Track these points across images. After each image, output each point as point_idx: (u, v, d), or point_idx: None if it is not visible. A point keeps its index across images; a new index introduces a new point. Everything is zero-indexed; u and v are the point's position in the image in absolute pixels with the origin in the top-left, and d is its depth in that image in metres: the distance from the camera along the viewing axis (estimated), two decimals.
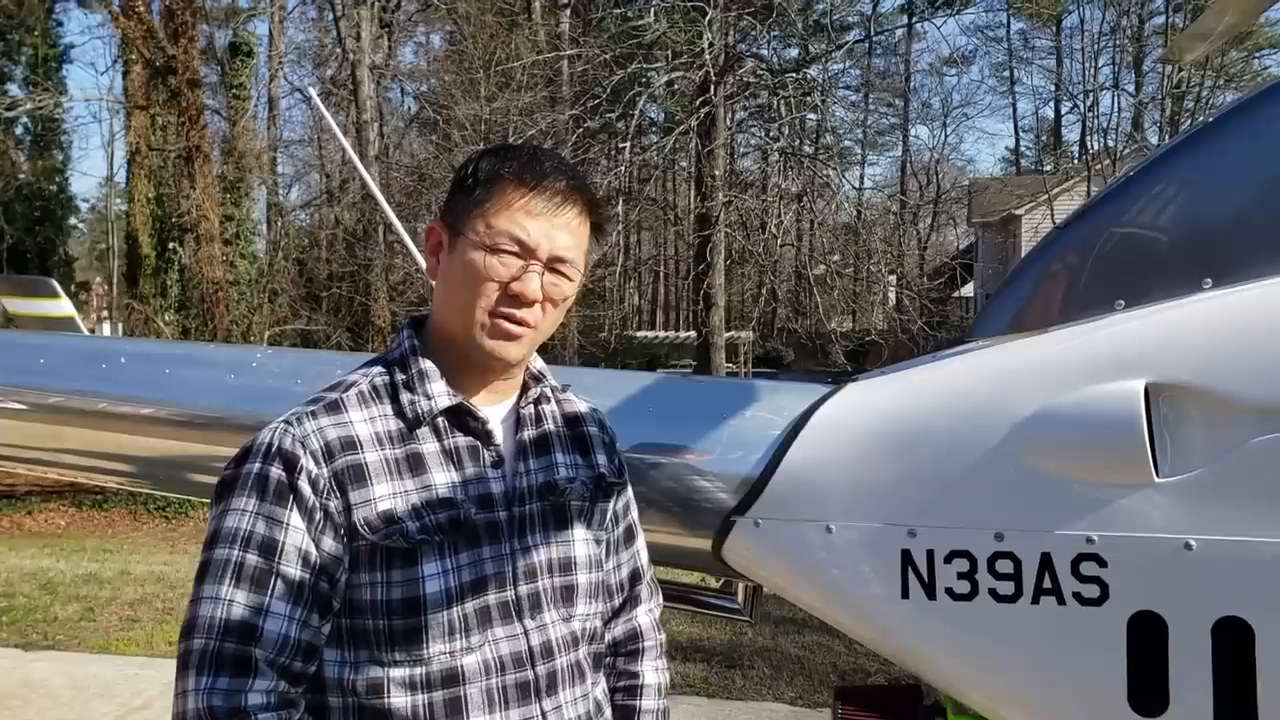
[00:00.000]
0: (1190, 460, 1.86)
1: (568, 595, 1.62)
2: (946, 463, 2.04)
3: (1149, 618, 1.87)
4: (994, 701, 2.05)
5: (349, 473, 1.49)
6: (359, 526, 1.48)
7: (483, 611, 1.53)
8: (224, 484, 1.51)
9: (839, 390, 2.29)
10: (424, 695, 1.49)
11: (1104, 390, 1.92)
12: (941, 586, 2.00)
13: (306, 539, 1.46)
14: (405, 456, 1.53)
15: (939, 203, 32.43)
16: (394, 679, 1.49)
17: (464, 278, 1.56)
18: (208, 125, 22.00)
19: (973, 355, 2.22)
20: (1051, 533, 1.93)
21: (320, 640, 1.49)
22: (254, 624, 1.43)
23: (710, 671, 5.43)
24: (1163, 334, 1.96)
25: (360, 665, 1.50)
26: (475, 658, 1.51)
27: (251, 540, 1.45)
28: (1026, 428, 1.97)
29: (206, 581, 1.46)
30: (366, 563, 1.49)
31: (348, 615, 1.50)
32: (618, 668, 1.79)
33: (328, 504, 1.47)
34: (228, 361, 2.62)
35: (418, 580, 1.49)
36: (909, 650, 2.11)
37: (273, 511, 1.46)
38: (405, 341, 1.62)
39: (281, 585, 1.45)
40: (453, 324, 1.58)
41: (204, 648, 1.42)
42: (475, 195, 1.57)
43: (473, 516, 1.53)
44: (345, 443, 1.50)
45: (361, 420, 1.54)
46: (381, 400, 1.56)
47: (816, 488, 2.14)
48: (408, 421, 1.55)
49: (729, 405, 2.35)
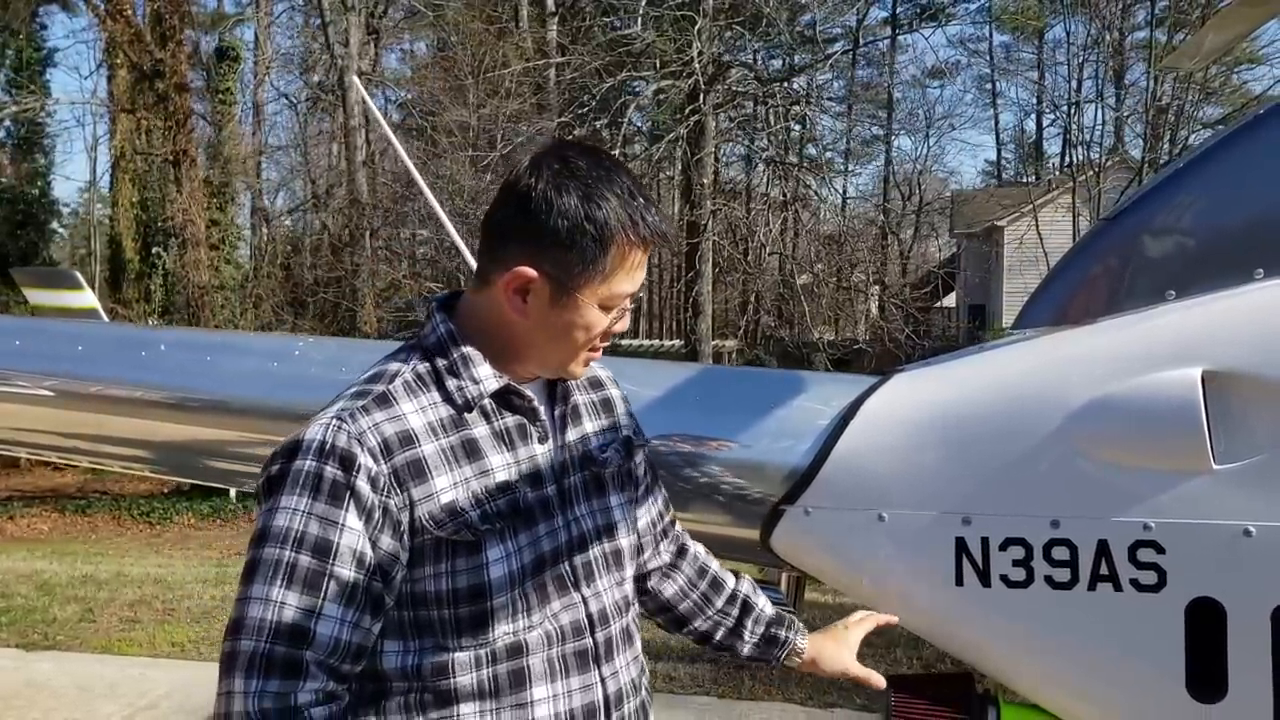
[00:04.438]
0: (1247, 447, 1.88)
1: (617, 560, 1.66)
2: (1001, 450, 2.05)
3: (1207, 604, 1.88)
4: (1048, 689, 2.05)
5: (409, 468, 1.47)
6: (424, 522, 1.47)
7: (541, 587, 1.54)
8: (272, 480, 1.47)
9: (887, 380, 2.30)
10: (489, 670, 1.51)
11: (1160, 378, 1.93)
12: (996, 574, 2.01)
13: (363, 539, 1.44)
14: (460, 443, 1.52)
15: (922, 214, 32.56)
16: (459, 661, 1.50)
17: (572, 330, 1.55)
18: (194, 129, 21.91)
19: (1023, 345, 2.23)
20: (1108, 519, 1.94)
21: (369, 640, 1.48)
22: (306, 627, 1.41)
23: (719, 672, 5.42)
24: (1218, 322, 1.98)
25: (424, 652, 1.50)
26: (538, 632, 1.54)
27: (304, 541, 1.42)
28: (1082, 415, 1.98)
29: (256, 581, 1.43)
30: (431, 556, 1.48)
31: (410, 608, 1.50)
32: (681, 564, 1.93)
33: (388, 502, 1.45)
34: (269, 350, 2.61)
35: (482, 567, 1.49)
36: (962, 638, 2.11)
37: (328, 512, 1.43)
38: (440, 326, 1.59)
39: (335, 587, 1.42)
40: (536, 355, 1.59)
41: (254, 650, 1.40)
42: (591, 258, 1.50)
43: (528, 497, 1.55)
44: (402, 437, 1.48)
45: (413, 411, 1.51)
46: (428, 388, 1.54)
47: (868, 476, 2.15)
48: (457, 407, 1.54)
49: (775, 396, 2.35)
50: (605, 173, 1.53)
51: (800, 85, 22.41)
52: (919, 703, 2.10)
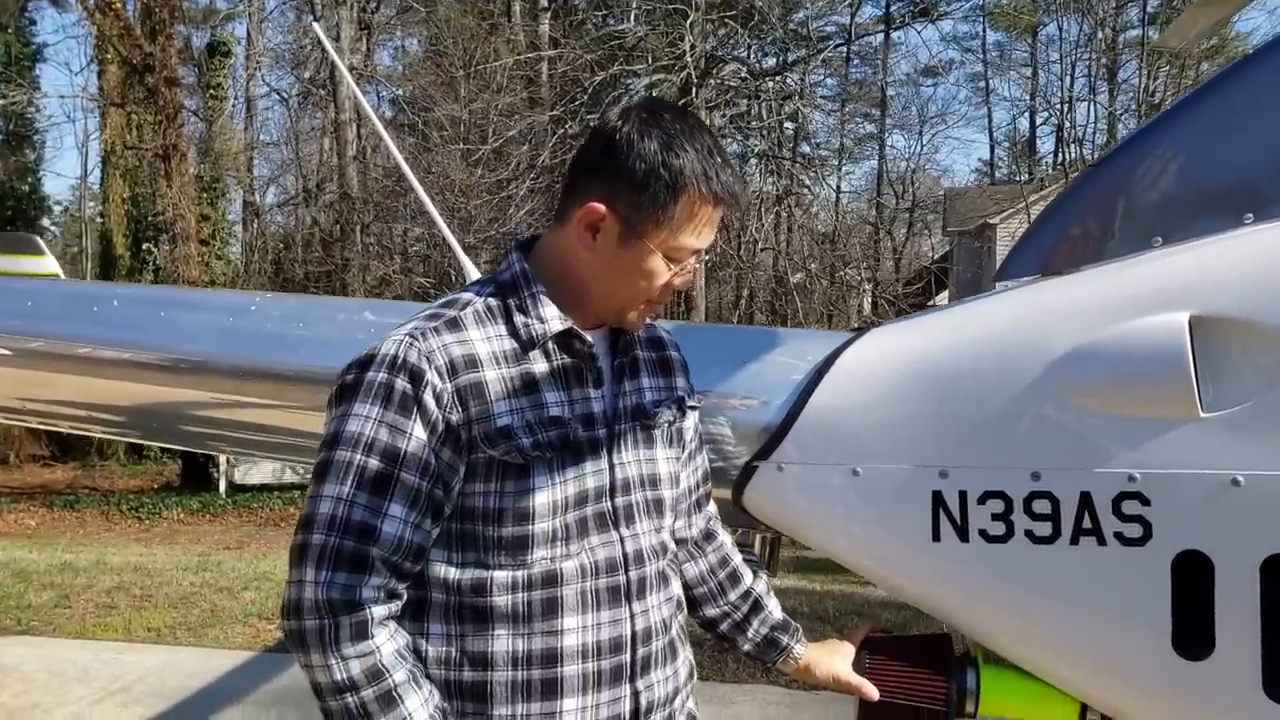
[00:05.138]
0: (1236, 394, 1.80)
1: (658, 508, 1.75)
2: (980, 401, 1.97)
3: (1194, 557, 1.80)
4: (1029, 648, 1.98)
5: (471, 389, 1.57)
6: (479, 440, 1.57)
7: (582, 521, 1.63)
8: (345, 388, 1.59)
9: (864, 334, 2.22)
10: (524, 594, 1.59)
11: (1146, 323, 1.85)
12: (975, 529, 1.93)
13: (427, 449, 1.55)
14: (520, 375, 1.61)
15: (915, 211, 32.52)
16: (497, 580, 1.59)
17: (635, 275, 1.63)
18: (185, 124, 21.81)
19: (1004, 296, 2.16)
20: (1091, 471, 1.87)
21: (429, 542, 1.59)
22: (373, 525, 1.53)
23: (703, 655, 5.30)
24: (1206, 268, 1.90)
25: (466, 566, 1.60)
26: (574, 563, 1.62)
27: (375, 446, 1.54)
28: (1064, 364, 1.90)
29: (328, 480, 1.54)
30: (482, 474, 1.59)
31: (458, 520, 1.60)
32: (706, 549, 1.97)
33: (449, 417, 1.56)
34: (225, 305, 2.52)
35: (529, 492, 1.59)
36: (940, 596, 2.04)
37: (397, 421, 1.54)
38: (516, 265, 1.69)
39: (401, 490, 1.54)
40: (598, 297, 1.67)
41: (324, 543, 1.52)
42: (661, 204, 1.59)
43: (579, 435, 1.63)
44: (468, 360, 1.58)
45: (481, 339, 1.61)
46: (496, 320, 1.64)
47: (843, 431, 2.07)
48: (521, 343, 1.63)
49: (749, 351, 2.28)
50: (688, 128, 1.62)
51: (794, 80, 22.37)
52: (895, 665, 2.02)
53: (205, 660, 5.43)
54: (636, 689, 1.67)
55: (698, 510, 1.97)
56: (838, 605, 6.85)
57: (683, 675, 1.79)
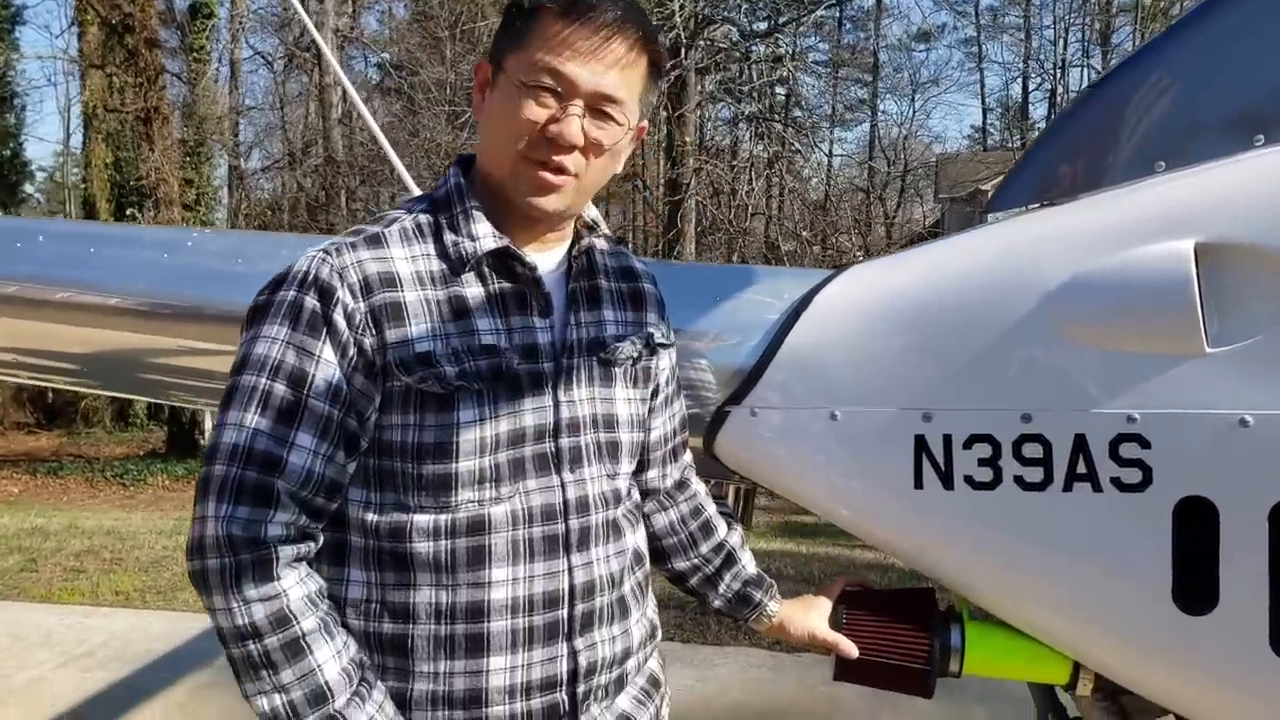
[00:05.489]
0: (1244, 327, 1.65)
1: (612, 452, 1.59)
2: (966, 338, 1.83)
3: (1198, 504, 1.66)
4: (1017, 603, 1.84)
5: (387, 310, 1.43)
6: (394, 367, 1.43)
7: (517, 462, 1.48)
8: (256, 309, 1.46)
9: (844, 271, 2.07)
10: (447, 541, 1.46)
11: (1148, 253, 1.70)
12: (960, 475, 1.79)
13: (338, 373, 1.42)
14: (447, 299, 1.47)
15: (907, 177, 32.35)
16: (418, 524, 1.45)
17: (501, 117, 1.48)
18: (166, 86, 21.53)
19: (994, 227, 2.00)
20: (1087, 412, 1.72)
21: (345, 478, 1.46)
22: (278, 455, 1.40)
23: (685, 618, 5.23)
24: (1214, 191, 1.75)
25: (385, 507, 1.47)
26: (504, 508, 1.47)
27: (281, 370, 1.41)
28: (1058, 297, 1.76)
29: (232, 408, 1.42)
30: (399, 404, 1.45)
31: (375, 455, 1.47)
32: (678, 499, 1.85)
33: (362, 340, 1.42)
34: (159, 241, 2.35)
35: (452, 426, 1.44)
36: (922, 547, 1.89)
37: (304, 342, 1.41)
38: (451, 179, 1.56)
39: (309, 418, 1.41)
40: (493, 168, 1.52)
41: (225, 474, 1.39)
42: (516, 28, 1.48)
43: (515, 366, 1.48)
44: (385, 278, 1.45)
45: (403, 257, 1.47)
46: (425, 239, 1.51)
47: (820, 372, 1.92)
48: (451, 263, 1.49)
49: (722, 291, 2.12)
50: None
51: (785, 42, 22.13)
52: (874, 621, 1.88)
53: (173, 624, 5.31)
54: (575, 648, 1.52)
55: (673, 460, 1.84)
56: (823, 567, 6.75)
57: (637, 635, 1.64)
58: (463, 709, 1.46)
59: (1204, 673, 1.71)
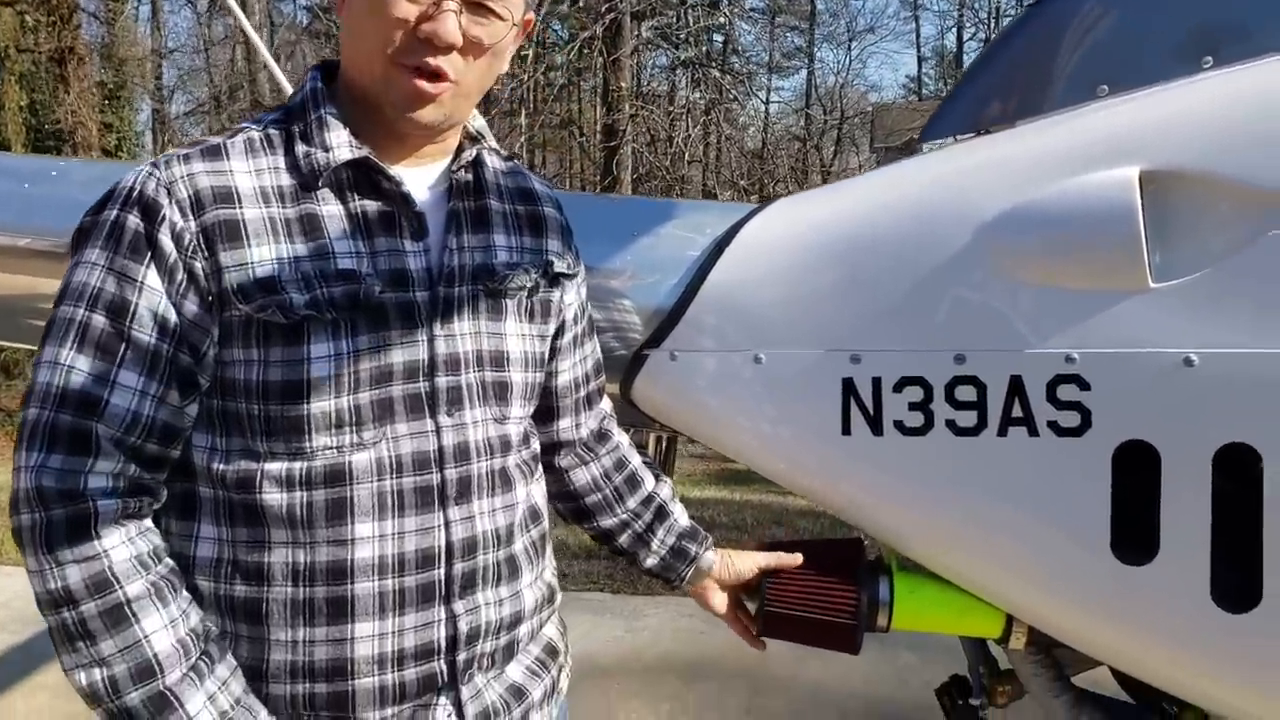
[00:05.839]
0: (1192, 260, 1.56)
1: (500, 393, 1.42)
2: (897, 275, 1.71)
3: (1138, 449, 1.57)
4: (948, 553, 1.74)
5: (221, 229, 1.26)
6: (231, 293, 1.26)
7: (383, 404, 1.31)
8: (80, 232, 1.31)
9: (769, 205, 1.94)
10: (302, 493, 1.29)
11: (1089, 181, 1.60)
12: (890, 420, 1.68)
13: (165, 302, 1.25)
14: (297, 218, 1.30)
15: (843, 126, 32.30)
16: (268, 473, 1.29)
17: (365, 16, 1.29)
18: (82, 25, 20.76)
19: (927, 157, 1.89)
20: (1023, 352, 1.62)
21: (184, 421, 1.29)
22: (97, 395, 1.24)
23: (615, 568, 5.12)
24: (1160, 116, 1.65)
25: (232, 455, 1.30)
26: (368, 455, 1.30)
27: (100, 299, 1.25)
28: (994, 230, 1.64)
29: (48, 344, 1.26)
30: (240, 337, 1.27)
31: (219, 395, 1.30)
32: (599, 452, 1.71)
33: (192, 263, 1.25)
34: (19, 170, 2.15)
35: (302, 362, 1.27)
36: (850, 497, 1.79)
37: (126, 267, 1.25)
38: (308, 85, 1.38)
39: (132, 353, 1.24)
40: (358, 75, 1.34)
41: (38, 419, 1.24)
42: None
43: (378, 294, 1.30)
44: (220, 194, 1.27)
45: (245, 171, 1.30)
46: (273, 151, 1.33)
47: (744, 313, 1.80)
48: (303, 177, 1.31)
49: (640, 225, 1.98)
50: None
51: None
52: (799, 574, 1.78)
53: None
54: (454, 612, 1.36)
55: (588, 407, 1.69)
56: (757, 515, 6.69)
57: (530, 599, 1.48)
58: (325, 681, 1.31)
59: (1143, 625, 1.63)
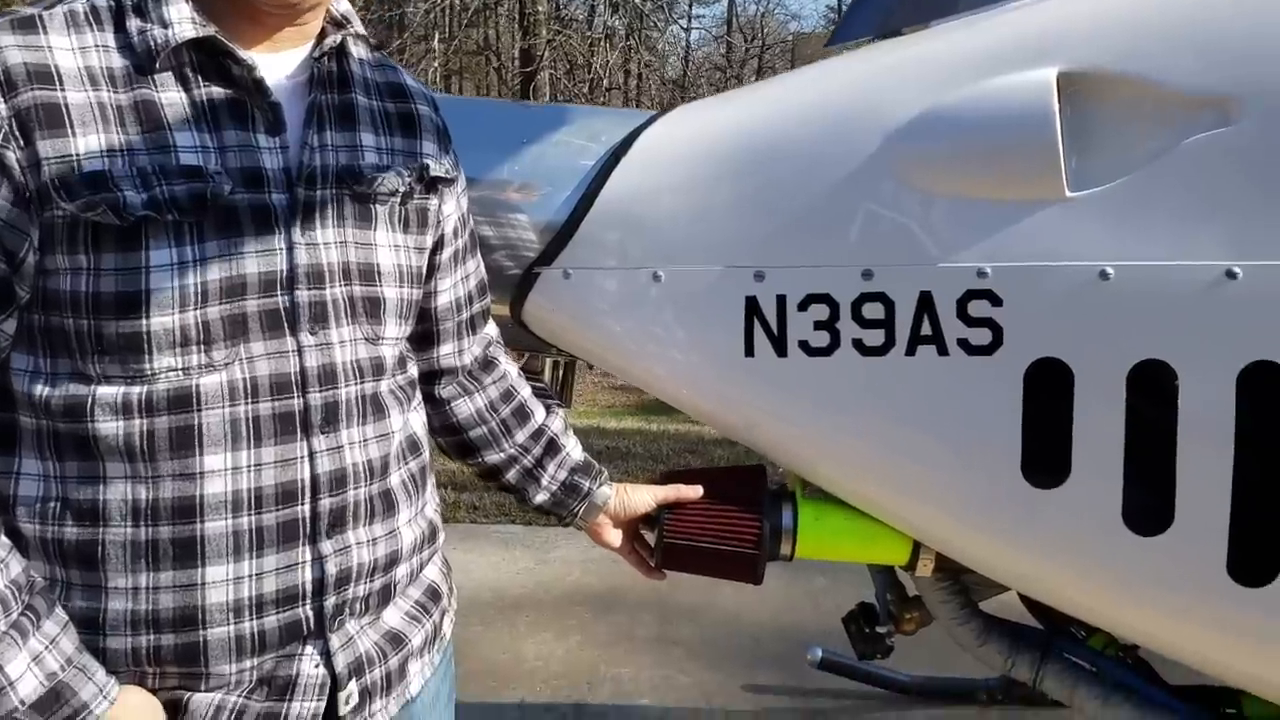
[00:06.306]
0: (1111, 167, 1.47)
1: (371, 310, 1.28)
2: (802, 186, 1.61)
3: (1051, 367, 1.49)
4: (855, 478, 1.66)
5: (40, 113, 1.09)
6: (53, 190, 1.09)
7: (236, 320, 1.16)
8: None
9: (668, 112, 1.82)
10: (142, 421, 1.14)
11: (1004, 84, 1.50)
12: (794, 340, 1.59)
13: None
14: (131, 104, 1.13)
15: (764, 56, 32.10)
16: (102, 399, 1.14)
17: None
18: None
19: (833, 61, 1.78)
20: (933, 267, 1.53)
21: (1, 341, 1.15)
22: None
23: None
24: (1080, 14, 1.55)
25: (59, 378, 1.15)
26: (218, 377, 1.16)
27: None
28: (902, 136, 1.54)
29: None
30: (65, 241, 1.11)
31: (40, 309, 1.14)
32: (484, 381, 1.59)
33: (4, 152, 1.08)
34: None
35: (140, 271, 1.11)
36: (753, 421, 1.69)
37: None
38: None
39: None
40: None
41: None
42: None
43: (228, 195, 1.15)
44: (38, 73, 1.09)
45: (66, 49, 1.12)
46: (102, 26, 1.15)
47: (641, 227, 1.69)
48: (136, 58, 1.14)
49: (528, 131, 1.85)
50: None
51: None
52: (699, 502, 1.69)
53: None
54: (321, 552, 1.23)
55: (471, 331, 1.57)
56: (674, 445, 6.63)
57: (409, 538, 1.36)
58: (172, 631, 1.17)
59: (1053, 549, 1.57)
